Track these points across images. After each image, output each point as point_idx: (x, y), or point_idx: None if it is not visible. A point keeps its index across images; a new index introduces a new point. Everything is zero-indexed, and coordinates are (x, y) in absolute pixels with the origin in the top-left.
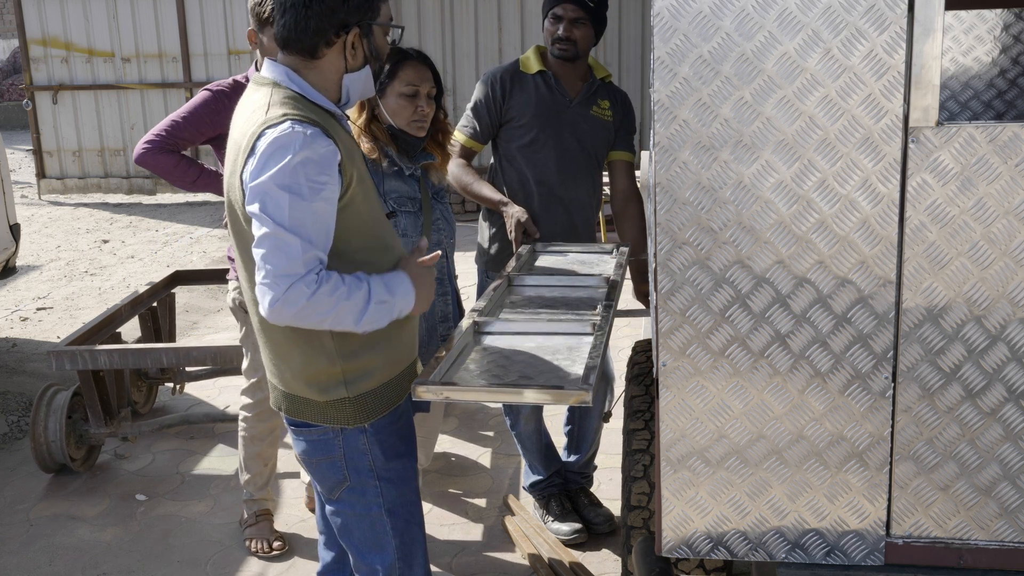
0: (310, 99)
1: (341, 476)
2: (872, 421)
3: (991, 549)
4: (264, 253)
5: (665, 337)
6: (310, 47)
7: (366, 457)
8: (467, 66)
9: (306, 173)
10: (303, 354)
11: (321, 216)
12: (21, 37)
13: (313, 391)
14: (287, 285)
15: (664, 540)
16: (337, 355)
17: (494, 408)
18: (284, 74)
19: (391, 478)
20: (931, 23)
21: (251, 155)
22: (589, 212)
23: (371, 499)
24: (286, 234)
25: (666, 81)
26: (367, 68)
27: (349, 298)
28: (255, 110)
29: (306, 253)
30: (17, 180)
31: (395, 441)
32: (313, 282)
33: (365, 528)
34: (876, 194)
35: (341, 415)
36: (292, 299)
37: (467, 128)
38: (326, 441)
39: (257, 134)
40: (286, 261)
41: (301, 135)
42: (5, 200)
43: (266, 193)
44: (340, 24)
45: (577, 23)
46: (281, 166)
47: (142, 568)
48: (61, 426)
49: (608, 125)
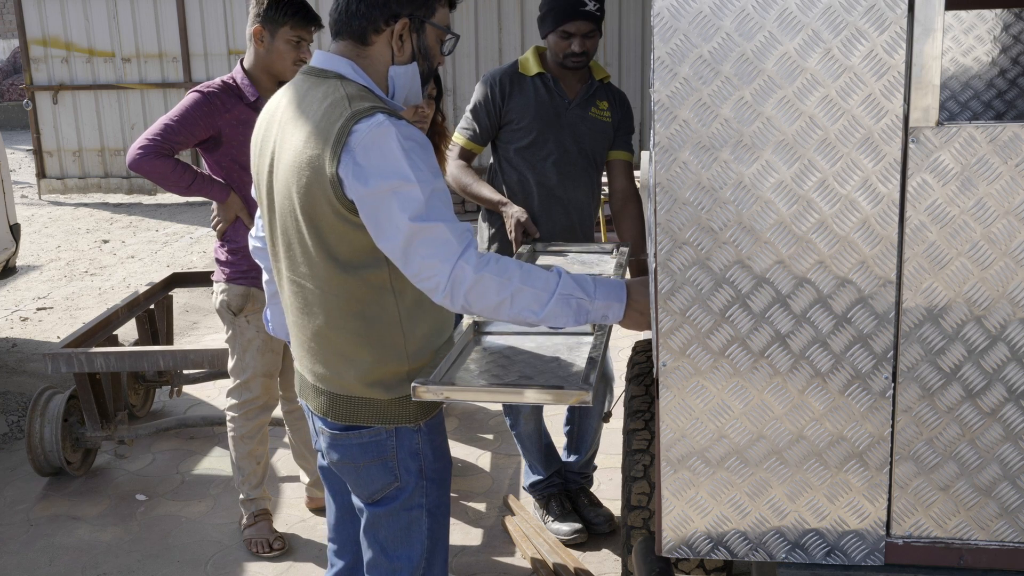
0: (376, 92)
1: (391, 477)
2: (872, 421)
3: (991, 549)
4: (416, 249)
5: (665, 337)
6: (359, 31)
7: (418, 458)
8: (467, 66)
9: (421, 157)
10: (374, 353)
11: (445, 193)
12: (21, 37)
13: (378, 390)
14: (450, 268)
15: (664, 540)
16: (406, 354)
17: (494, 408)
18: (350, 67)
19: (435, 478)
20: (931, 23)
21: (346, 149)
22: (588, 212)
23: (416, 499)
24: (430, 224)
25: (666, 81)
26: (414, 66)
27: (526, 282)
28: (331, 102)
29: (454, 229)
30: (17, 180)
31: (441, 441)
32: (473, 256)
33: (401, 526)
34: (876, 194)
35: (404, 413)
36: (459, 279)
37: (467, 130)
38: (379, 443)
39: (348, 129)
40: (440, 246)
41: (395, 123)
42: (5, 200)
43: (392, 193)
44: (390, 12)
45: (589, 36)
46: (394, 159)
47: (142, 568)
48: (57, 430)
49: (607, 126)
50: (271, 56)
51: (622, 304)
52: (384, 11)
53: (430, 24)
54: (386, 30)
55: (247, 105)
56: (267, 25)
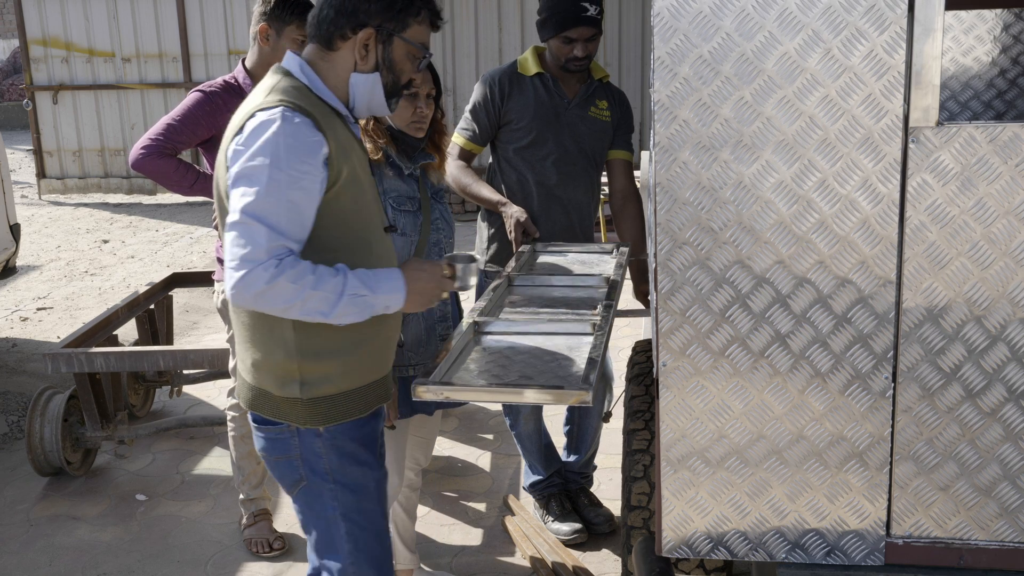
0: (316, 93)
1: (298, 476)
2: (872, 421)
3: (991, 549)
4: (233, 236)
5: (665, 337)
6: (327, 36)
7: (322, 459)
8: (467, 66)
9: (288, 159)
10: (263, 344)
11: (296, 205)
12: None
13: (271, 383)
14: (247, 270)
15: (664, 540)
16: (296, 351)
17: (494, 408)
18: (297, 65)
19: (347, 483)
20: (931, 23)
21: (239, 134)
22: (587, 212)
23: (327, 501)
24: (255, 222)
25: (666, 81)
26: (376, 76)
27: (317, 287)
28: (257, 94)
29: (271, 242)
30: (17, 180)
31: (355, 448)
32: (273, 267)
33: (321, 529)
34: (876, 194)
35: (293, 414)
36: (250, 283)
37: (466, 131)
38: (283, 440)
39: (249, 114)
40: (252, 247)
41: (290, 122)
42: (5, 200)
43: (245, 177)
44: (357, 21)
45: (591, 40)
46: (263, 149)
47: (142, 568)
48: (57, 430)
49: (606, 125)
50: (276, 55)
51: (401, 294)
52: (351, 19)
53: (400, 38)
54: (352, 38)
55: None
56: (273, 24)
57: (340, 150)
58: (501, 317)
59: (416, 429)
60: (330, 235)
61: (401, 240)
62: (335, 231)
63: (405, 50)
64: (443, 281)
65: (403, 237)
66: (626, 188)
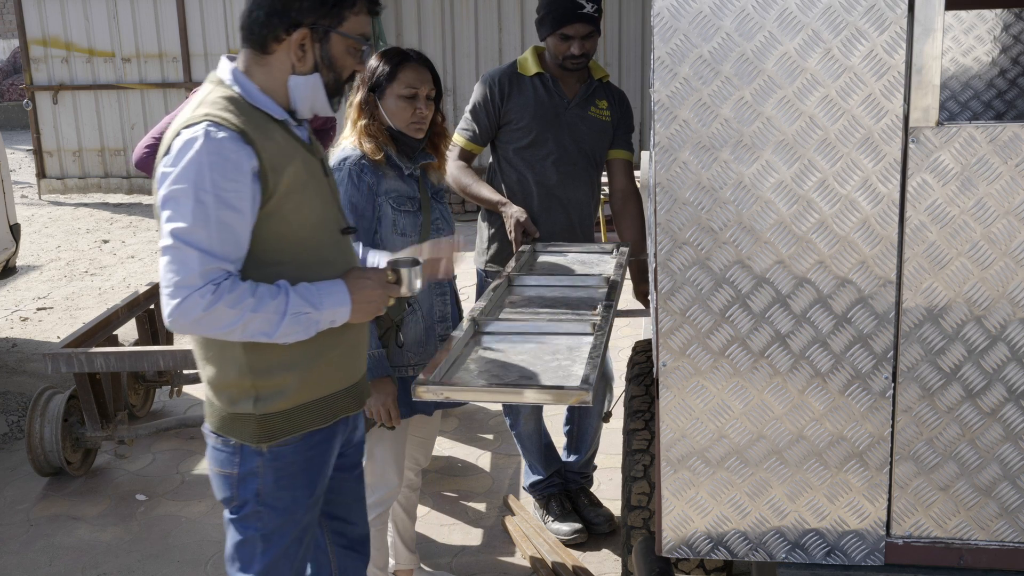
0: (250, 101)
1: (230, 493)
2: (872, 421)
3: (991, 549)
4: (166, 262)
5: (665, 337)
6: (260, 40)
7: (256, 480)
8: (467, 66)
9: (212, 179)
10: (215, 362)
11: (228, 226)
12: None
13: (222, 399)
14: (183, 296)
15: (664, 540)
16: (248, 369)
17: (494, 408)
18: (230, 72)
19: (276, 506)
20: (931, 23)
21: (167, 154)
22: (588, 212)
23: (251, 521)
24: (185, 246)
25: (666, 81)
26: (316, 76)
27: (257, 310)
28: (188, 107)
29: (205, 265)
30: (17, 180)
31: (294, 471)
32: (210, 293)
33: (237, 543)
34: (876, 194)
35: (243, 430)
36: (187, 310)
37: (466, 131)
38: (227, 456)
39: (175, 132)
40: (185, 273)
41: (213, 138)
42: (5, 200)
43: (172, 200)
44: (290, 21)
45: (588, 38)
46: (187, 171)
47: (142, 568)
48: (57, 430)
49: (606, 125)
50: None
51: (347, 307)
52: (284, 20)
53: (337, 34)
54: (287, 39)
55: None
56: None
57: (275, 161)
58: (501, 317)
59: (416, 429)
60: (273, 248)
61: (401, 240)
62: (279, 243)
63: (344, 45)
64: (388, 287)
65: (403, 238)
66: (626, 188)
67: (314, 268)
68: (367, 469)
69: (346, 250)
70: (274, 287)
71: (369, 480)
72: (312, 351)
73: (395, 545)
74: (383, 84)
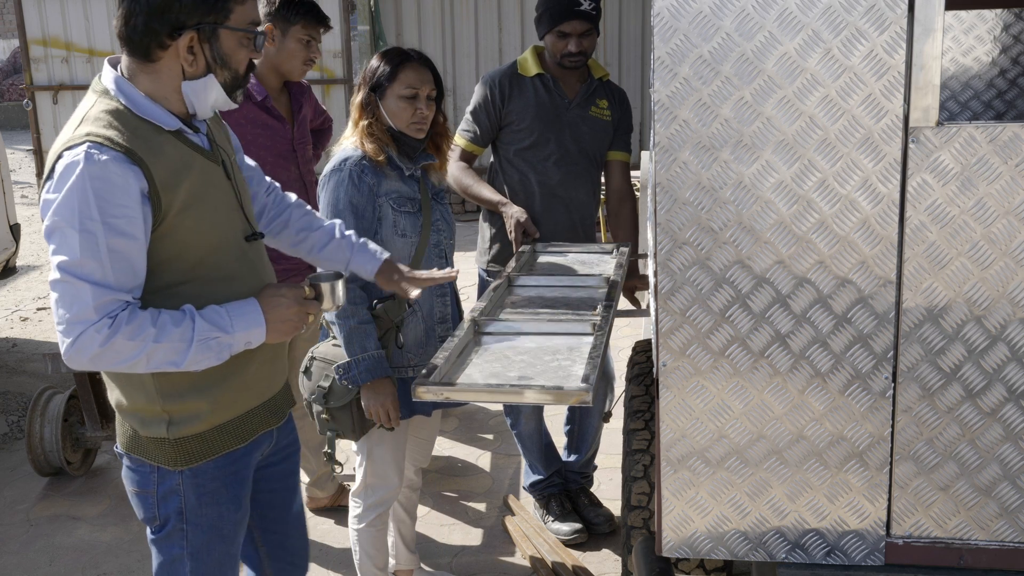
0: (137, 112)
1: (152, 513)
2: (872, 421)
3: (991, 549)
4: (56, 298)
5: (665, 337)
6: (143, 49)
7: (179, 498)
8: (467, 66)
9: (99, 206)
10: (122, 387)
11: (121, 253)
12: (21, 37)
13: (136, 422)
14: (78, 333)
15: (664, 540)
16: (157, 394)
17: (494, 408)
18: (114, 82)
19: (201, 523)
20: (931, 23)
21: (49, 178)
22: (589, 212)
23: (175, 540)
24: (76, 280)
25: (666, 81)
26: (210, 78)
27: (160, 340)
28: (71, 123)
29: (99, 299)
30: (17, 180)
31: (215, 487)
32: (106, 327)
33: (163, 563)
34: (876, 194)
35: (157, 454)
36: (83, 347)
37: (467, 132)
38: (143, 475)
39: (57, 154)
40: (77, 308)
41: (95, 161)
42: (5, 200)
43: (58, 231)
44: (173, 25)
45: (585, 35)
46: (70, 199)
47: (142, 568)
48: (57, 430)
49: (607, 125)
50: (281, 55)
51: (261, 327)
52: (166, 24)
53: (226, 29)
54: (172, 45)
55: (255, 104)
56: (278, 23)
57: (166, 178)
58: (501, 317)
59: (416, 430)
60: (171, 269)
61: (401, 241)
62: (177, 264)
63: (235, 39)
64: (306, 303)
65: (403, 238)
66: (622, 189)
67: (218, 285)
68: (367, 470)
69: (254, 259)
70: (179, 313)
71: (369, 481)
72: (223, 372)
73: (395, 545)
74: (384, 84)
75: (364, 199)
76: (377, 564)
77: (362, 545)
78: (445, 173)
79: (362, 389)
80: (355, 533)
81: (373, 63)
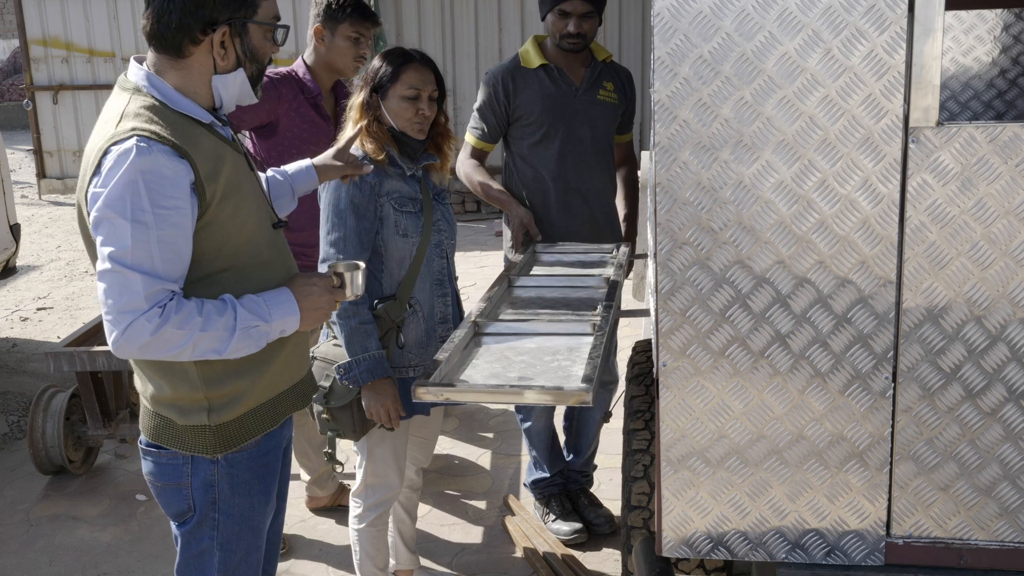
0: (172, 107)
1: (186, 505)
2: (872, 421)
3: (991, 549)
4: (105, 288)
5: (665, 337)
6: (175, 45)
7: (212, 489)
8: (467, 66)
9: (150, 198)
10: (165, 377)
11: (170, 244)
12: (21, 37)
13: (174, 412)
14: (128, 322)
15: (664, 540)
16: (200, 381)
17: (494, 408)
18: (146, 78)
19: (232, 513)
20: (931, 23)
21: (96, 174)
22: (607, 199)
23: (206, 531)
24: (127, 270)
25: (666, 81)
26: (240, 72)
27: (206, 328)
28: (108, 120)
29: (149, 288)
30: (17, 180)
31: (248, 477)
32: (156, 316)
33: (192, 554)
34: (876, 194)
35: (199, 442)
36: (134, 336)
37: (476, 130)
38: (175, 467)
39: (103, 150)
40: (127, 297)
41: (146, 154)
42: (5, 200)
43: (107, 222)
44: (207, 20)
45: (586, 17)
46: (122, 191)
47: (142, 568)
48: (59, 429)
49: (616, 108)
50: (332, 53)
51: (296, 315)
52: (200, 20)
53: (253, 23)
54: (204, 40)
55: (306, 99)
56: (327, 24)
57: (209, 168)
58: (501, 317)
59: (417, 429)
60: (213, 257)
61: (403, 241)
62: (219, 251)
63: (261, 33)
64: (335, 292)
65: (405, 238)
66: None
67: (254, 271)
68: (368, 470)
69: (281, 247)
70: (220, 303)
71: (370, 481)
72: (262, 355)
73: (395, 545)
74: (386, 84)
75: (366, 199)
76: (377, 564)
77: (362, 545)
78: (447, 173)
79: (363, 389)
80: (355, 533)
81: (375, 63)
